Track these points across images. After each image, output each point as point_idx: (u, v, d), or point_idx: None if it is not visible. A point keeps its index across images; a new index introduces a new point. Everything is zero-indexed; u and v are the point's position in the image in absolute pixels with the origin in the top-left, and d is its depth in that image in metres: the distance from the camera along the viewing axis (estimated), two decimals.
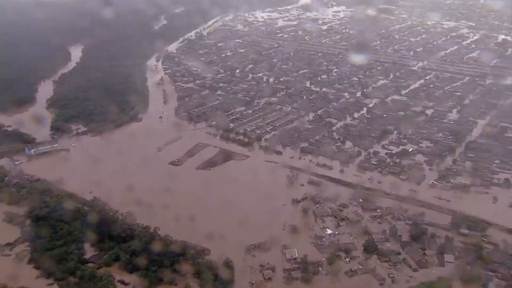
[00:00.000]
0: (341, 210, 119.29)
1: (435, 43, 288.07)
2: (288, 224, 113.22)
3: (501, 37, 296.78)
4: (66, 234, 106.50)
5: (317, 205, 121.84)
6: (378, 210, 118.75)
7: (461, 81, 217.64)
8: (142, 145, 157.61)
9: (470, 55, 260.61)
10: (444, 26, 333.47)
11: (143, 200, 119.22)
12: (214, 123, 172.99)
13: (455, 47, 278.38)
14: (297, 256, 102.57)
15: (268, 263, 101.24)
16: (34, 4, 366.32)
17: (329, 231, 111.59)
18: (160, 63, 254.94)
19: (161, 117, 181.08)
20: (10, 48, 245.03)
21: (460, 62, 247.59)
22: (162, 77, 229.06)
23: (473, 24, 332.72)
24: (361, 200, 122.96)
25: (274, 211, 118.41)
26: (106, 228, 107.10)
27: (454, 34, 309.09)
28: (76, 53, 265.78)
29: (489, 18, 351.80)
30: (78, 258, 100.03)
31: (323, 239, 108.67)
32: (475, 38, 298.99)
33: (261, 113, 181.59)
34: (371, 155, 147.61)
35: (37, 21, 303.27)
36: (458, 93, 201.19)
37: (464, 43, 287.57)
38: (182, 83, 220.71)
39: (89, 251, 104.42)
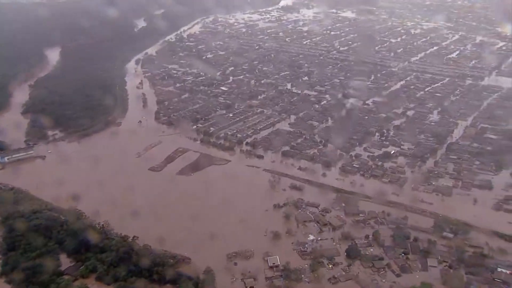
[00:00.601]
0: (323, 215, 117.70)
1: (415, 44, 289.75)
2: (270, 230, 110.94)
3: (479, 38, 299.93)
4: (41, 245, 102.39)
5: (299, 210, 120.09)
6: (360, 215, 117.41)
7: (441, 82, 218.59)
8: (121, 151, 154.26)
9: (449, 56, 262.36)
10: (423, 27, 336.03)
11: (122, 208, 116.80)
12: (194, 127, 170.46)
13: (435, 47, 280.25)
14: (279, 263, 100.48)
15: (249, 271, 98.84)
16: (8, 5, 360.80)
17: (311, 237, 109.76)
18: (139, 66, 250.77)
19: (140, 121, 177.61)
20: None
21: (440, 63, 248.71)
22: (141, 80, 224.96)
23: (452, 25, 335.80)
24: (343, 205, 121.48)
25: (256, 217, 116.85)
26: (83, 238, 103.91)
27: (433, 35, 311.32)
28: (53, 56, 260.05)
29: (467, 19, 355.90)
30: (53, 270, 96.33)
31: (306, 245, 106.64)
32: (454, 38, 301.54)
33: (242, 117, 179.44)
34: (353, 158, 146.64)
35: (12, 23, 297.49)
36: (439, 94, 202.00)
37: (443, 44, 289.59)
38: (162, 86, 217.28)
39: (65, 263, 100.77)
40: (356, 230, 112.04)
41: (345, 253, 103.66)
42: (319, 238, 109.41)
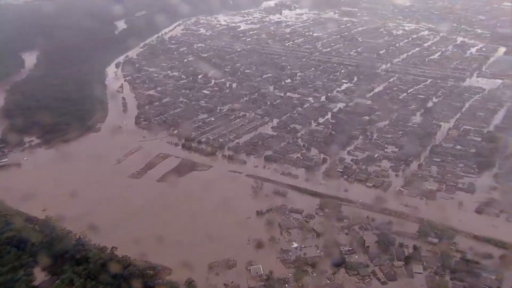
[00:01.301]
0: (307, 222, 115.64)
1: (397, 45, 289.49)
2: (253, 238, 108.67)
3: (460, 39, 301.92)
4: (14, 258, 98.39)
5: (283, 217, 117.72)
6: (345, 220, 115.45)
7: (423, 84, 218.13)
8: (100, 158, 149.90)
9: (431, 57, 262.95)
10: (405, 28, 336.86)
11: (101, 218, 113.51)
12: (175, 132, 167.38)
13: (417, 49, 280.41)
14: (262, 273, 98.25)
15: (232, 282, 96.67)
16: None
17: (295, 245, 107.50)
18: (120, 69, 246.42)
19: (120, 126, 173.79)
20: None
21: (422, 64, 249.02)
22: (122, 84, 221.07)
23: (433, 26, 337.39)
24: (327, 210, 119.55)
25: (238, 225, 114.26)
26: (58, 251, 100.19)
27: (415, 36, 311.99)
28: (30, 60, 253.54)
29: (448, 20, 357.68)
30: (26, 285, 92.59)
31: (289, 253, 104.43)
32: (435, 40, 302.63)
33: (224, 121, 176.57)
34: (337, 162, 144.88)
35: None
36: (421, 96, 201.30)
37: (425, 45, 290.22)
38: (143, 90, 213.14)
39: (40, 277, 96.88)
40: (340, 237, 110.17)
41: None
42: (303, 246, 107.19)
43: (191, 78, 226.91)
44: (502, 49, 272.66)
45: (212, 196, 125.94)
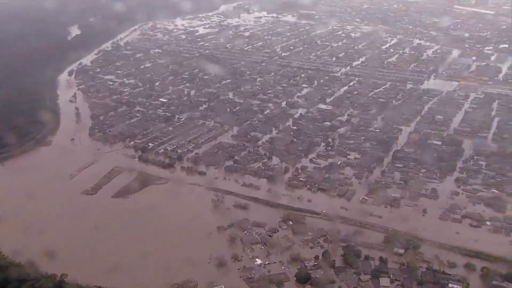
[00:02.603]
0: (270, 236, 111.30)
1: (356, 48, 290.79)
2: (214, 256, 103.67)
3: (416, 41, 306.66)
4: None
5: (245, 232, 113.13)
6: (309, 233, 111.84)
7: (383, 87, 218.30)
8: (51, 173, 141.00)
9: (389, 60, 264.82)
10: (363, 30, 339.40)
11: (50, 241, 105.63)
12: (132, 143, 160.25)
13: (375, 51, 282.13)
14: None
15: None
16: None
17: (258, 261, 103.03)
18: (73, 77, 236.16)
19: (73, 139, 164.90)
20: None
21: (381, 67, 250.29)
22: (75, 93, 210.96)
23: (390, 29, 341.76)
24: (291, 223, 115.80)
25: (199, 242, 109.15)
26: (2, 281, 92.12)
27: (373, 38, 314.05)
28: None
29: (404, 22, 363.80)
30: None
31: (253, 271, 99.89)
32: (392, 42, 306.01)
33: (182, 130, 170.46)
34: (299, 171, 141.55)
35: None
36: (382, 99, 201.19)
37: (383, 47, 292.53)
38: (97, 99, 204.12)
39: None
40: (305, 251, 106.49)
41: (295, 278, 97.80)
42: (267, 262, 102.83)
43: (148, 86, 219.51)
44: (456, 51, 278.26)
45: (171, 212, 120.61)
